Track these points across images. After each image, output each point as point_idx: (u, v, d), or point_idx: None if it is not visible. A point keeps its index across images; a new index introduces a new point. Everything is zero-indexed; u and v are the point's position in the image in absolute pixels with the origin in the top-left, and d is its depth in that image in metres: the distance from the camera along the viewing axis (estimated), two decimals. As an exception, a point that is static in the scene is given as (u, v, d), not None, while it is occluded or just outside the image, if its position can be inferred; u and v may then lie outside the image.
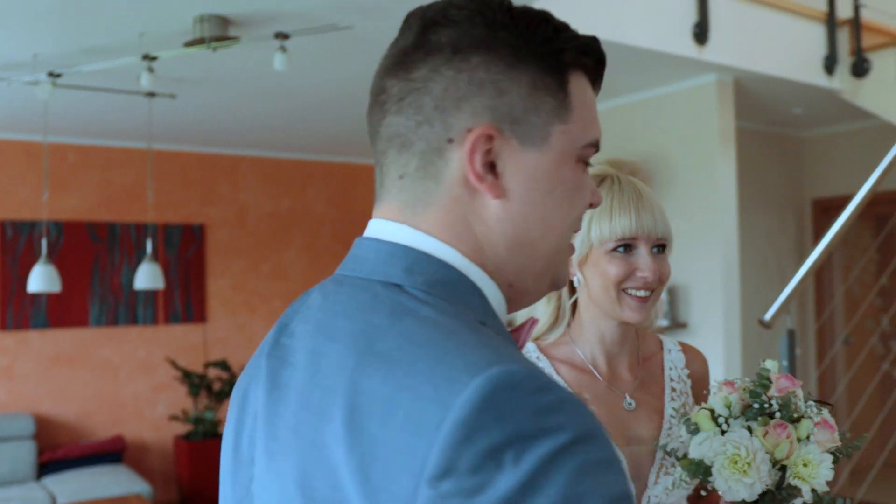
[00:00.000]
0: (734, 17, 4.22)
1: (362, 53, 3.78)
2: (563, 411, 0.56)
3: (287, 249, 6.36)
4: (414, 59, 0.70)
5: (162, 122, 5.00)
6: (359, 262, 0.73)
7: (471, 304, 0.69)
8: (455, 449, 0.55)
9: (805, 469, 1.15)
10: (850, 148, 5.74)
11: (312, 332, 0.71)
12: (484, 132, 0.68)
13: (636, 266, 1.32)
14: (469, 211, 0.70)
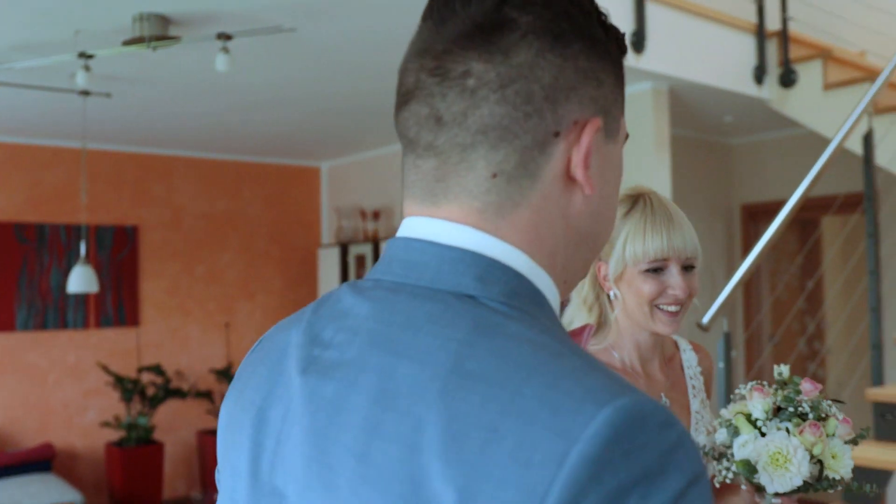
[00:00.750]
0: (670, 28, 4.33)
1: (305, 55, 3.77)
2: (682, 449, 0.53)
3: (223, 252, 6.27)
4: (508, 41, 0.63)
5: (95, 121, 4.88)
6: (415, 268, 0.64)
7: (547, 314, 0.64)
8: (582, 486, 0.50)
9: (834, 461, 1.30)
10: (778, 155, 5.94)
11: (365, 345, 0.61)
12: (597, 125, 0.65)
13: (668, 284, 1.45)
14: (555, 209, 0.65)
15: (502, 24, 0.63)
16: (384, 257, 0.67)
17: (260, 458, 0.66)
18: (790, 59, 4.68)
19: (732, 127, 5.77)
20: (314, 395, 0.62)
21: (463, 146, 0.63)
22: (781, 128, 5.66)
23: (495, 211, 0.63)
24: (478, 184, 0.63)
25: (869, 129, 3.42)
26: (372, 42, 3.66)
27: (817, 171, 3.11)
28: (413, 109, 0.65)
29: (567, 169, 0.64)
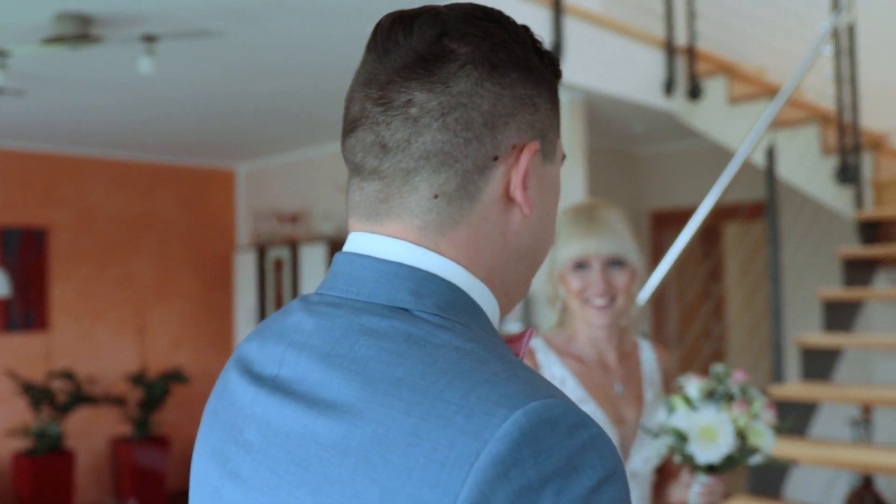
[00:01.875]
0: (586, 41, 4.49)
1: (228, 58, 3.76)
2: (594, 448, 0.56)
3: (136, 255, 6.14)
4: (447, 71, 0.67)
5: (3, 119, 4.73)
6: (355, 283, 0.68)
7: (480, 324, 0.68)
8: (489, 484, 0.53)
9: (759, 439, 1.49)
10: (684, 165, 6.21)
11: (307, 359, 0.66)
12: (534, 148, 0.68)
13: (589, 281, 1.63)
14: (495, 227, 0.69)
15: (442, 56, 0.66)
16: (330, 272, 0.72)
17: (225, 467, 0.71)
18: (697, 74, 4.91)
19: (642, 137, 6.00)
20: (264, 408, 0.67)
21: (406, 171, 0.67)
22: (688, 139, 5.92)
23: (435, 229, 0.67)
24: (419, 204, 0.67)
25: (771, 143, 3.64)
26: (297, 46, 3.68)
27: (727, 182, 3.29)
28: (359, 136, 0.69)
29: (506, 190, 0.68)
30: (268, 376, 0.69)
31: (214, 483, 0.71)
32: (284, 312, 0.73)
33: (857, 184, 4.27)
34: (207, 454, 0.73)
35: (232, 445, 0.69)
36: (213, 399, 0.76)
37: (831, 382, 3.72)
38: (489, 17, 0.70)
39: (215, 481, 0.70)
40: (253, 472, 0.66)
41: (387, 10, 2.30)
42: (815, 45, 4.00)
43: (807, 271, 4.62)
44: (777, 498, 3.33)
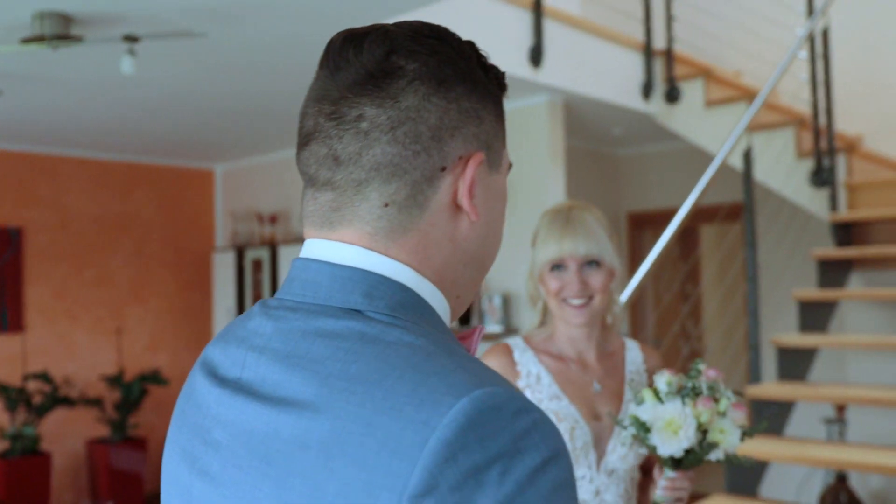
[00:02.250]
0: (565, 44, 4.53)
1: (208, 58, 3.75)
2: (538, 432, 0.60)
3: (113, 255, 6.10)
4: (396, 87, 0.70)
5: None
6: (310, 287, 0.72)
7: (431, 321, 0.71)
8: (439, 468, 0.56)
9: (721, 435, 1.51)
10: (662, 166, 6.27)
11: (268, 361, 0.70)
12: (480, 159, 0.72)
13: (565, 281, 1.68)
14: (443, 234, 0.72)
15: (391, 72, 0.70)
16: (288, 277, 0.75)
17: (194, 464, 0.74)
18: (675, 77, 4.97)
19: (620, 139, 6.05)
20: (229, 408, 0.71)
21: (358, 181, 0.70)
22: (664, 141, 5.98)
23: (386, 235, 0.71)
24: (370, 212, 0.71)
25: (749, 146, 3.69)
26: (278, 46, 3.68)
27: (705, 185, 3.34)
28: (313, 150, 0.72)
29: (454, 199, 0.72)
30: (231, 379, 0.72)
31: (185, 482, 0.74)
32: (246, 317, 0.77)
33: (831, 186, 4.34)
34: (177, 455, 0.76)
35: (200, 445, 0.73)
36: (181, 401, 0.79)
37: (807, 382, 3.78)
38: (435, 34, 0.73)
39: (185, 480, 0.74)
40: (221, 469, 0.69)
41: (367, 9, 2.36)
42: (791, 50, 4.06)
43: (783, 272, 4.69)
44: (753, 496, 3.38)
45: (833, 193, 4.34)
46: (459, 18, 3.97)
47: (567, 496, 0.60)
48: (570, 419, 1.66)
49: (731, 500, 3.25)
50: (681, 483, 1.58)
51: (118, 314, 6.07)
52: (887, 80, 5.20)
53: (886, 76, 5.21)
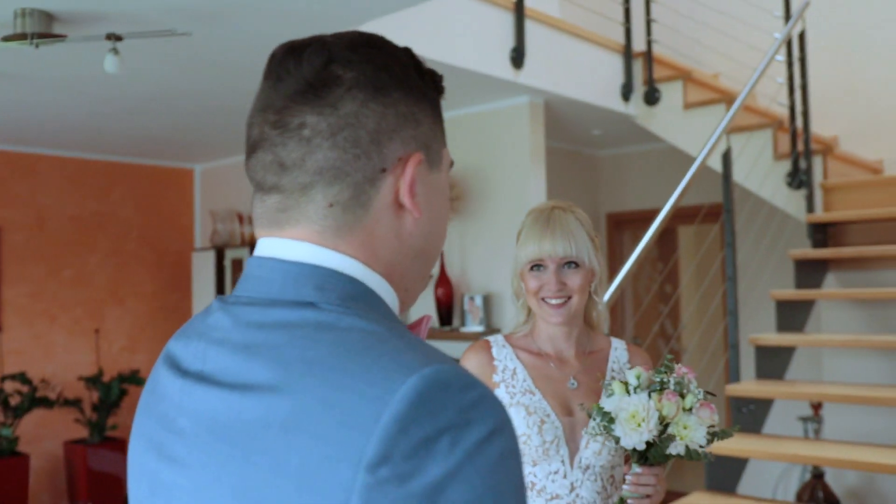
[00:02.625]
0: (547, 45, 4.56)
1: (191, 57, 3.74)
2: (484, 405, 0.64)
3: (91, 255, 6.05)
4: (335, 95, 0.74)
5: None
6: (264, 284, 0.75)
7: (381, 311, 0.75)
8: (392, 439, 0.61)
9: (685, 430, 1.55)
10: (640, 167, 6.33)
11: (228, 353, 0.73)
12: (418, 159, 0.76)
13: (544, 280, 1.73)
14: (388, 231, 0.77)
15: (330, 81, 0.74)
16: (243, 275, 0.79)
17: (161, 458, 0.78)
18: (654, 79, 5.02)
19: (599, 139, 6.09)
20: (192, 398, 0.75)
21: (303, 185, 0.74)
22: (643, 142, 6.03)
23: (333, 232, 0.75)
24: (316, 212, 0.74)
25: (728, 147, 3.74)
26: (260, 45, 3.67)
27: (684, 185, 3.38)
28: (259, 157, 0.76)
29: (396, 197, 0.76)
30: (194, 371, 0.76)
31: (151, 469, 0.77)
32: (205, 313, 0.81)
33: (808, 188, 4.41)
34: (143, 444, 0.80)
35: (166, 434, 0.76)
36: (145, 394, 0.83)
37: (784, 380, 3.83)
38: (371, 43, 0.78)
39: (152, 467, 0.77)
40: (187, 454, 0.73)
41: (349, 11, 2.38)
42: (769, 54, 4.11)
43: (761, 272, 4.75)
44: (733, 493, 3.43)
45: (810, 195, 4.41)
46: (442, 20, 3.99)
47: (513, 464, 0.64)
48: (541, 413, 1.70)
49: (710, 497, 3.30)
50: (646, 479, 1.61)
51: (96, 314, 6.03)
52: (861, 83, 5.29)
53: (860, 79, 5.29)
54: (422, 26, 3.89)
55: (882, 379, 3.97)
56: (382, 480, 0.60)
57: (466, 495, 0.60)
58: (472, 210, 4.94)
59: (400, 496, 0.60)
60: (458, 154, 5.02)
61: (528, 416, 1.69)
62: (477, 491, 0.61)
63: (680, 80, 4.97)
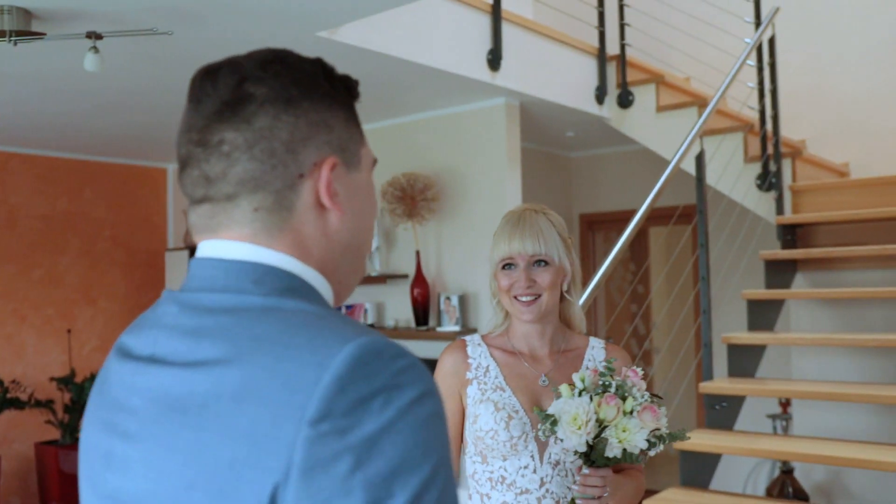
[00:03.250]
0: (523, 47, 4.61)
1: (168, 55, 3.73)
2: (413, 371, 0.72)
3: (62, 254, 5.99)
4: (248, 111, 0.80)
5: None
6: (207, 281, 0.82)
7: (318, 301, 0.82)
8: (332, 398, 0.68)
9: (623, 433, 1.59)
10: (612, 169, 6.40)
11: (178, 336, 0.80)
12: (332, 163, 0.83)
13: (514, 278, 1.78)
14: (315, 229, 0.83)
15: (244, 99, 0.81)
16: (187, 276, 0.85)
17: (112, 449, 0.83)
18: (627, 82, 5.09)
19: (573, 141, 6.16)
20: (145, 377, 0.81)
21: (228, 195, 0.81)
22: (615, 144, 6.11)
23: (264, 234, 0.82)
24: (244, 216, 0.81)
25: (701, 150, 3.81)
26: (239, 45, 3.67)
27: (659, 187, 3.44)
28: (188, 173, 0.84)
29: (317, 199, 0.83)
30: (145, 355, 0.82)
31: (105, 447, 0.83)
32: (154, 307, 0.88)
33: (777, 190, 4.50)
34: (96, 428, 0.85)
35: (118, 413, 0.82)
36: (96, 387, 0.89)
37: (755, 378, 3.92)
38: (280, 59, 0.84)
39: (105, 445, 0.83)
40: (140, 428, 0.79)
41: (328, 11, 2.40)
42: (741, 58, 4.20)
43: (733, 272, 4.84)
44: (706, 489, 3.50)
45: (779, 197, 4.50)
46: (420, 22, 4.02)
47: (439, 425, 0.73)
48: (509, 409, 1.75)
49: (684, 493, 3.36)
50: (593, 481, 1.65)
51: (68, 315, 5.97)
52: (828, 88, 5.41)
53: (827, 84, 5.42)
54: (400, 28, 3.92)
55: (848, 376, 4.07)
56: (323, 434, 0.68)
57: (398, 448, 0.68)
58: (448, 210, 4.97)
59: (339, 447, 0.67)
60: (434, 155, 5.06)
61: (496, 412, 1.74)
62: (407, 444, 0.69)
63: (653, 83, 5.04)
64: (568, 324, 1.90)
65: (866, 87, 5.32)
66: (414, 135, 5.18)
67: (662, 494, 3.35)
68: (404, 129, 5.22)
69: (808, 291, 4.27)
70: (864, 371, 4.01)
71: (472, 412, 1.78)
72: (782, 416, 4.84)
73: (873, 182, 4.47)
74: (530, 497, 1.73)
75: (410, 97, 4.75)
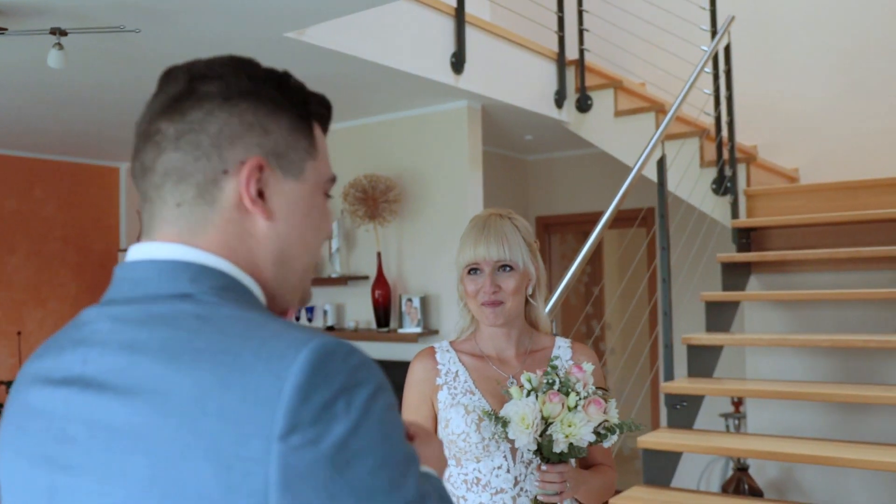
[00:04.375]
0: (485, 51, 4.65)
1: (126, 53, 3.67)
2: (366, 367, 0.73)
3: (11, 255, 5.84)
4: (187, 105, 0.81)
5: None
6: (138, 284, 0.80)
7: (252, 303, 0.81)
8: (297, 409, 0.68)
9: (569, 428, 1.65)
10: (569, 172, 6.49)
11: (112, 352, 0.77)
12: (256, 163, 0.82)
13: (480, 284, 1.81)
14: (241, 230, 0.82)
15: (188, 94, 0.82)
16: (113, 280, 0.84)
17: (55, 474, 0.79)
18: (586, 87, 5.17)
19: (531, 145, 6.22)
20: (81, 404, 0.77)
21: (157, 185, 0.82)
22: (572, 147, 6.19)
23: (190, 232, 0.81)
24: (170, 213, 0.81)
25: (663, 155, 3.89)
26: (201, 45, 3.64)
27: (624, 190, 3.51)
28: (132, 165, 0.86)
29: (241, 199, 0.82)
30: (73, 377, 0.78)
31: (44, 483, 0.78)
32: (76, 324, 0.84)
33: (733, 195, 4.62)
34: (26, 464, 0.80)
35: (55, 445, 0.78)
36: (10, 421, 0.84)
37: (713, 378, 4.01)
38: (233, 62, 0.85)
39: (45, 481, 0.78)
40: (85, 458, 0.75)
41: (296, 12, 2.42)
42: (699, 66, 4.30)
43: (691, 275, 4.95)
44: (668, 486, 3.57)
45: (734, 201, 4.62)
46: (386, 24, 4.03)
47: (395, 415, 0.75)
48: (479, 411, 1.78)
49: (648, 490, 3.43)
50: (550, 477, 1.70)
51: (16, 317, 5.82)
52: (779, 95, 5.57)
53: (778, 91, 5.57)
54: (366, 30, 3.92)
55: (800, 375, 4.20)
56: (295, 447, 0.68)
57: (364, 443, 0.70)
58: (410, 212, 4.98)
59: (314, 457, 0.68)
60: (397, 156, 5.06)
61: (466, 415, 1.78)
62: (374, 439, 0.71)
63: (611, 88, 5.13)
64: (533, 324, 1.94)
65: (815, 95, 5.49)
66: (376, 136, 5.18)
67: (627, 493, 3.41)
68: (367, 131, 5.22)
69: (764, 293, 4.39)
70: (816, 370, 4.14)
71: (444, 416, 1.81)
72: (734, 414, 4.97)
73: (823, 188, 4.61)
74: (505, 497, 1.76)
75: (374, 98, 4.75)
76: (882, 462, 3.10)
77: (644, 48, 5.44)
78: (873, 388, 3.58)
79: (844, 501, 3.82)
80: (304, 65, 3.97)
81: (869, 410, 3.95)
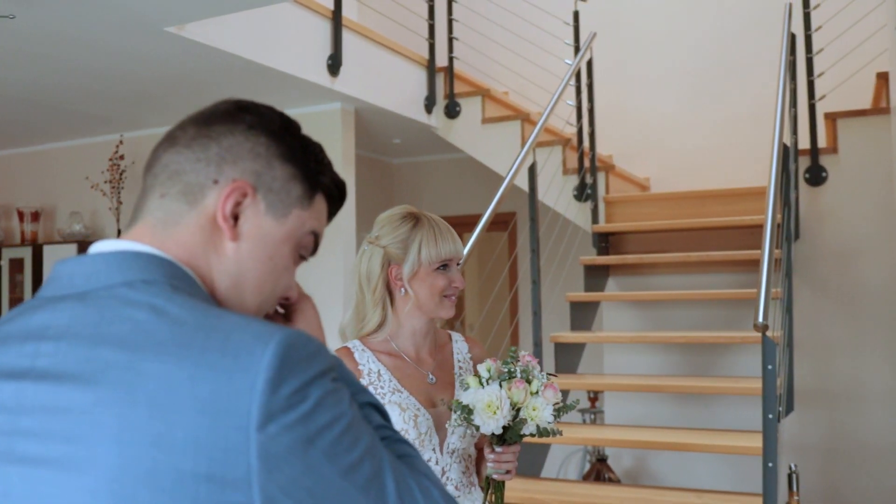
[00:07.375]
0: (360, 55, 4.72)
1: (11, 48, 3.50)
2: (322, 352, 0.78)
3: None
4: (219, 120, 0.87)
5: None
6: (92, 276, 0.81)
7: (203, 295, 0.83)
8: (270, 401, 0.72)
9: (534, 412, 1.74)
10: (435, 176, 6.64)
11: (70, 345, 0.77)
12: (243, 185, 0.85)
13: (452, 279, 1.86)
14: (207, 242, 0.85)
15: (226, 114, 0.88)
16: (53, 276, 0.84)
17: None
18: (455, 94, 5.33)
19: (398, 148, 6.33)
20: (35, 395, 0.77)
21: (154, 175, 0.86)
22: (439, 152, 6.35)
23: (163, 226, 0.84)
24: (153, 202, 0.85)
25: (534, 162, 4.10)
26: (86, 38, 3.52)
27: (499, 196, 3.67)
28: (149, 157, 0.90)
29: (216, 213, 0.84)
30: (23, 370, 0.78)
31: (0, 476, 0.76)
32: (22, 317, 0.83)
33: (593, 201, 4.91)
34: None
35: (6, 439, 0.77)
36: None
37: (577, 374, 4.26)
38: (280, 113, 0.90)
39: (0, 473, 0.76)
40: (43, 449, 0.75)
41: (171, 11, 2.49)
42: (565, 79, 4.55)
43: (556, 276, 5.20)
44: (538, 477, 3.77)
45: (595, 207, 4.91)
46: (264, 24, 4.02)
47: (357, 387, 0.87)
48: (413, 408, 1.85)
49: (521, 481, 3.60)
50: (506, 457, 1.81)
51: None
52: (632, 107, 5.95)
53: (631, 104, 5.95)
54: (246, 29, 3.91)
55: (653, 370, 4.52)
56: (273, 435, 0.72)
57: (329, 416, 0.75)
58: (282, 213, 4.96)
59: (290, 439, 0.73)
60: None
61: (402, 413, 1.84)
62: (335, 412, 0.76)
63: (479, 96, 5.31)
64: None
65: (664, 109, 5.90)
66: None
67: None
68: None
69: (623, 294, 4.69)
70: (668, 365, 4.47)
71: None
72: (591, 410, 5.26)
73: (675, 196, 4.98)
74: None
75: (251, 97, 4.68)
76: (724, 446, 3.42)
77: (510, 58, 5.67)
78: (717, 379, 3.92)
79: (692, 483, 4.14)
80: (182, 60, 3.90)
81: (714, 400, 4.31)
